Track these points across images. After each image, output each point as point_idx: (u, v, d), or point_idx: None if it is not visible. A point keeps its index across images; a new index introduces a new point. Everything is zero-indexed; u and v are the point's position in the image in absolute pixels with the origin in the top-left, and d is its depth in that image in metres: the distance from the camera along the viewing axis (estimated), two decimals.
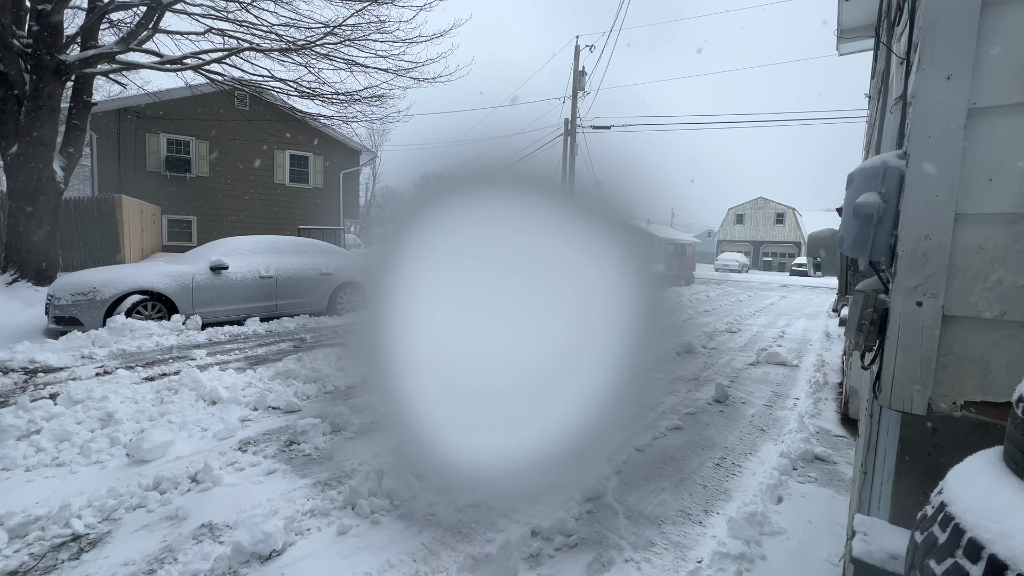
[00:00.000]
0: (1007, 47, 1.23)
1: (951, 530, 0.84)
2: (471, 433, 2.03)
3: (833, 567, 2.22)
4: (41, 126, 8.27)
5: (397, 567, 2.12)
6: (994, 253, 1.26)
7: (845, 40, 4.78)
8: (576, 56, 17.51)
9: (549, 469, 2.04)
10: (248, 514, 2.35)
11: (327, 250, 8.73)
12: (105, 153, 14.48)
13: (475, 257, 2.03)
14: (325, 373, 4.65)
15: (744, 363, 6.41)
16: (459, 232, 2.06)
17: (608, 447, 3.28)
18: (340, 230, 18.73)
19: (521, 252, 2.00)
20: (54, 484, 2.71)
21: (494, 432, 2.02)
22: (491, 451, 2.04)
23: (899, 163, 1.38)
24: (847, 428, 4.05)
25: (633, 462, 3.24)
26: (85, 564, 2.09)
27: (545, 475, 2.16)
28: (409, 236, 2.06)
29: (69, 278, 6.53)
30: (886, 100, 2.51)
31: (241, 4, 9.38)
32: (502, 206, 2.09)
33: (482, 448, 2.05)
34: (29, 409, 3.41)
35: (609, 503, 2.66)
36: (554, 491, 2.57)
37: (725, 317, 10.91)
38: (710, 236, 54.44)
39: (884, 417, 1.63)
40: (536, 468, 2.06)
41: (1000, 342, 1.27)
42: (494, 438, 2.03)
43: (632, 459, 3.28)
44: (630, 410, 3.34)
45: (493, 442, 2.03)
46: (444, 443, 2.07)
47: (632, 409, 3.64)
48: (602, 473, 2.98)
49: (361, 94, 11.06)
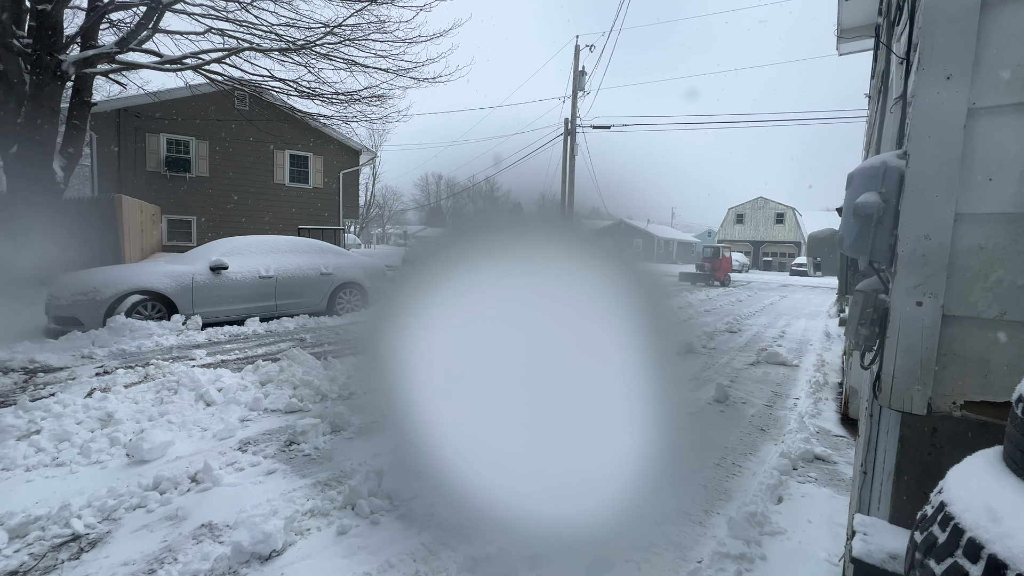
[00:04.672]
0: (1007, 47, 1.23)
1: (951, 530, 0.85)
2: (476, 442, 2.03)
3: (833, 567, 2.22)
4: (41, 126, 8.27)
5: (397, 567, 2.12)
6: (994, 253, 1.26)
7: (845, 40, 4.79)
8: (576, 56, 17.51)
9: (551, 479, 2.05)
10: (248, 514, 2.35)
11: (327, 250, 8.73)
12: (105, 153, 14.48)
13: (485, 272, 2.04)
14: (324, 373, 4.65)
15: (744, 363, 6.41)
16: (472, 252, 2.09)
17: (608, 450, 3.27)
18: (340, 230, 18.74)
19: (530, 270, 2.01)
20: (54, 484, 2.71)
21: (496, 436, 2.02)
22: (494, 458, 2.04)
23: (899, 163, 1.38)
24: (847, 428, 4.05)
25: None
26: (85, 564, 2.09)
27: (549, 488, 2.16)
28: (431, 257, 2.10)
29: (69, 278, 6.53)
30: (886, 100, 2.51)
31: (241, 4, 9.39)
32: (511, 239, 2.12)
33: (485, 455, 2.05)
34: (29, 409, 3.41)
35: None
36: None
37: (725, 317, 10.91)
38: (710, 236, 54.47)
39: (884, 417, 1.63)
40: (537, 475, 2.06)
41: (1000, 342, 1.27)
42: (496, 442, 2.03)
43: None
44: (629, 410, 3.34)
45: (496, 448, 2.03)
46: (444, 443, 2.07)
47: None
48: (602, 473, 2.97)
49: (361, 94, 11.07)
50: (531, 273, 2.02)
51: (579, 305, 1.99)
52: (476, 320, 2.02)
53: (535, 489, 2.01)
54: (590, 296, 2.00)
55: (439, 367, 2.05)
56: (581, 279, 2.03)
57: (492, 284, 2.02)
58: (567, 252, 2.14)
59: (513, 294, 2.00)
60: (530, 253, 2.09)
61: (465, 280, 2.05)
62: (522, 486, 2.00)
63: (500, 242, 2.19)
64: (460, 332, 2.03)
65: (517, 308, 1.98)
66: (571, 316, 1.98)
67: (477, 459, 2.03)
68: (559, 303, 1.98)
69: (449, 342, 2.05)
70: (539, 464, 1.99)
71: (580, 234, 2.27)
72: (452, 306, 2.03)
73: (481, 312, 2.02)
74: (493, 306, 2.01)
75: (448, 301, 2.03)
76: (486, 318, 2.01)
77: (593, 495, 2.58)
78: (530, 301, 1.98)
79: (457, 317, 2.03)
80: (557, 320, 1.97)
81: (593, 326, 2.00)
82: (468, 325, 2.02)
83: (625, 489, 2.15)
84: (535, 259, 2.06)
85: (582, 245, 2.23)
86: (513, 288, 2.00)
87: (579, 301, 1.99)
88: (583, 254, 2.16)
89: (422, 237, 44.15)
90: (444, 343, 2.05)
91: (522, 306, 1.98)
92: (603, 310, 1.99)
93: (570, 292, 1.99)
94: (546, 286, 1.99)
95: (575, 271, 2.05)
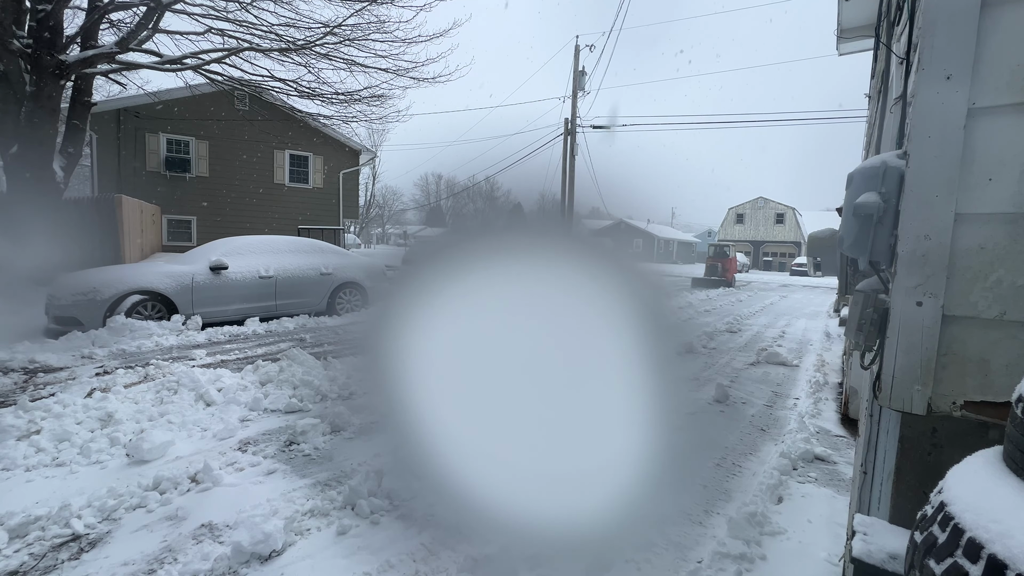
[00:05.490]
0: (1007, 47, 1.23)
1: (951, 530, 0.84)
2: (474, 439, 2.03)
3: (833, 567, 2.22)
4: (41, 126, 8.28)
5: (397, 567, 2.12)
6: (994, 253, 1.26)
7: (845, 40, 4.78)
8: (576, 56, 17.52)
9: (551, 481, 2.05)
10: (248, 514, 2.35)
11: (327, 250, 8.73)
12: (105, 153, 14.48)
13: (488, 274, 2.04)
14: (324, 373, 4.65)
15: (744, 363, 6.41)
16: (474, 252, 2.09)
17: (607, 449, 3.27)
18: (340, 230, 18.74)
19: (532, 270, 2.01)
20: (54, 484, 2.71)
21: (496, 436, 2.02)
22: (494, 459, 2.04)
23: (899, 163, 1.38)
24: (847, 428, 4.05)
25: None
26: (85, 564, 2.09)
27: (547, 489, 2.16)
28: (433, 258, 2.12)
29: (69, 278, 6.53)
30: (886, 100, 2.51)
31: (241, 4, 9.39)
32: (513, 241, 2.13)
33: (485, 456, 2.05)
34: (29, 409, 3.41)
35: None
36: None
37: (725, 317, 10.91)
38: (710, 236, 54.46)
39: (884, 417, 1.63)
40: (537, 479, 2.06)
41: (1000, 342, 1.28)
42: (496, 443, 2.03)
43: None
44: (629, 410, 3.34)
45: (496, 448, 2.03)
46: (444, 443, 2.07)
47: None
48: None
49: (361, 94, 11.07)
50: (531, 273, 2.02)
51: (579, 305, 1.99)
52: (476, 320, 2.02)
53: (535, 489, 2.01)
54: (590, 296, 2.00)
55: (439, 367, 2.05)
56: (581, 279, 2.03)
57: (492, 284, 2.02)
58: (567, 252, 2.14)
59: (513, 294, 2.00)
60: (530, 253, 2.09)
61: (465, 280, 2.05)
62: (522, 486, 2.00)
63: (500, 242, 2.19)
64: (460, 332, 2.04)
65: (517, 308, 1.98)
66: (571, 316, 1.98)
67: (477, 459, 2.03)
68: (559, 303, 1.98)
69: (449, 342, 2.05)
70: (539, 464, 1.99)
71: (580, 234, 2.27)
72: (452, 306, 2.03)
73: (481, 312, 2.02)
74: (493, 306, 2.01)
75: (448, 301, 2.04)
76: (486, 318, 2.01)
77: (593, 495, 2.59)
78: (530, 301, 1.98)
79: (457, 317, 2.03)
80: (557, 320, 1.97)
81: (593, 326, 2.00)
82: (468, 325, 2.03)
83: (625, 489, 2.15)
84: (535, 259, 2.07)
85: (582, 245, 2.23)
86: (513, 288, 2.00)
87: (579, 301, 1.99)
88: (583, 254, 2.16)
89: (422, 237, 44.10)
90: (444, 343, 2.05)
91: (522, 306, 1.98)
92: (603, 310, 1.99)
93: (570, 292, 1.99)
94: (546, 286, 2.00)
95: (575, 271, 2.05)
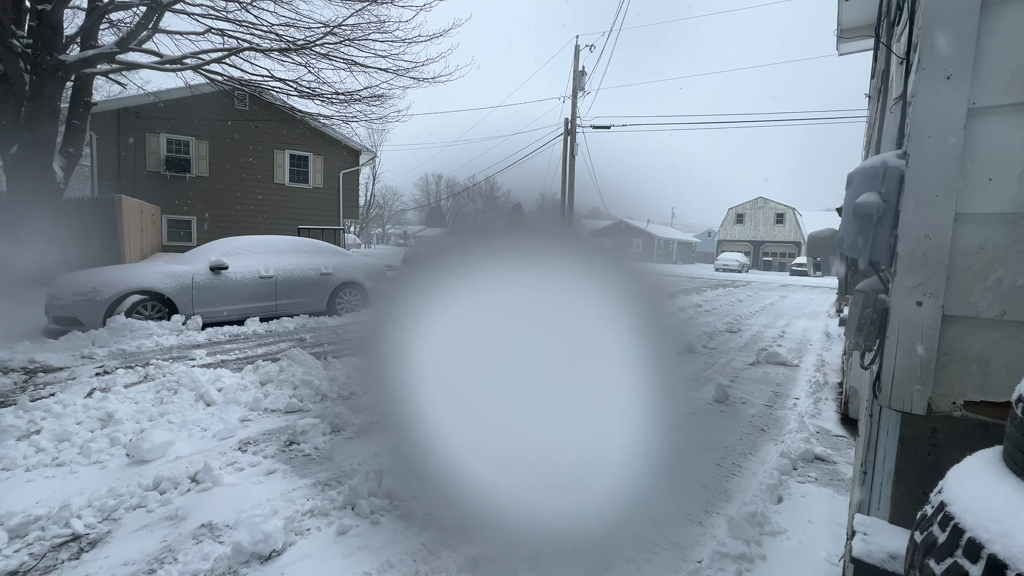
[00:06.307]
0: (1007, 47, 1.23)
1: (951, 530, 0.85)
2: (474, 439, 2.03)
3: (833, 567, 2.22)
4: (41, 126, 8.28)
5: (397, 567, 2.12)
6: (993, 253, 1.26)
7: (845, 40, 4.78)
8: (576, 56, 17.52)
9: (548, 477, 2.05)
10: (248, 514, 2.35)
11: (327, 250, 8.73)
12: (105, 153, 14.48)
13: (488, 273, 2.04)
14: (324, 373, 4.65)
15: (744, 363, 6.41)
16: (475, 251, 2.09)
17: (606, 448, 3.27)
18: (340, 230, 18.74)
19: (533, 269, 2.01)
20: (54, 484, 2.71)
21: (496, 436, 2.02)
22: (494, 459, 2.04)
23: (899, 163, 1.38)
24: (847, 428, 4.05)
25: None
26: (85, 564, 2.09)
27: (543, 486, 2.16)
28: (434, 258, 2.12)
29: (69, 278, 6.53)
30: (886, 100, 2.51)
31: (241, 4, 9.39)
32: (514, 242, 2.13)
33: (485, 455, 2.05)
34: (29, 409, 3.41)
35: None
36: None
37: (725, 317, 10.90)
38: (710, 236, 54.48)
39: (884, 417, 1.63)
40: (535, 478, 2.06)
41: (1000, 342, 1.28)
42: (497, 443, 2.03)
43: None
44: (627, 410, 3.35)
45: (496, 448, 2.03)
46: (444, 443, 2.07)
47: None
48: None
49: (361, 94, 11.07)
50: (531, 273, 2.02)
51: (579, 305, 1.99)
52: (476, 320, 2.02)
53: (535, 489, 2.01)
54: (590, 296, 2.00)
55: (439, 367, 2.05)
56: (581, 279, 2.03)
57: (492, 285, 2.02)
58: (567, 252, 2.14)
59: (513, 294, 2.00)
60: (530, 253, 2.09)
61: (465, 281, 2.05)
62: (522, 486, 2.00)
63: (500, 242, 2.19)
64: (460, 332, 2.04)
65: (517, 308, 1.98)
66: (571, 316, 1.98)
67: (477, 459, 2.03)
68: (559, 303, 1.98)
69: (449, 342, 2.05)
70: (539, 464, 1.99)
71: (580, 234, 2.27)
72: (452, 306, 2.03)
73: (481, 312, 2.02)
74: (493, 306, 2.01)
75: (448, 302, 2.04)
76: (486, 318, 2.01)
77: (593, 495, 2.59)
78: (530, 301, 1.98)
79: (457, 317, 2.03)
80: (557, 320, 1.97)
81: (593, 326, 2.00)
82: (468, 325, 2.03)
83: (625, 489, 2.15)
84: (535, 259, 2.07)
85: (582, 245, 2.23)
86: (513, 288, 2.00)
87: (579, 301, 1.99)
88: (583, 254, 2.16)
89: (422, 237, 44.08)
90: (444, 343, 2.05)
91: (522, 306, 1.98)
92: (603, 310, 1.99)
93: (570, 292, 1.99)
94: (546, 286, 2.00)
95: (575, 271, 2.05)
